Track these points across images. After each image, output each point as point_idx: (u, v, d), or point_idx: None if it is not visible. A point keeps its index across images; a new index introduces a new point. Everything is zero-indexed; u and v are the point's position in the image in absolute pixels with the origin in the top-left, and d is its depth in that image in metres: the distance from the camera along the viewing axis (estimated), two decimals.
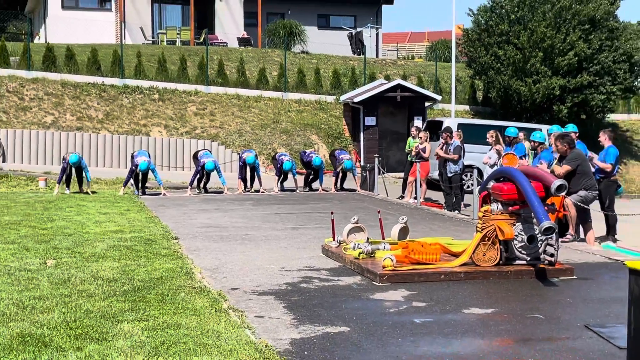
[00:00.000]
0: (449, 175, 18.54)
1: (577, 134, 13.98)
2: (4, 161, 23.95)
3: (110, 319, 7.00)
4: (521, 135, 17.20)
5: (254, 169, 20.97)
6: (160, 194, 19.58)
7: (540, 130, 16.57)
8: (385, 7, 44.59)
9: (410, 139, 20.95)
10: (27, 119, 26.00)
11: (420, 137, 19.96)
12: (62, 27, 36.29)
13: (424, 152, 19.67)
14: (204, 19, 38.49)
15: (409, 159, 20.48)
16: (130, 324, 6.85)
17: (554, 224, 9.83)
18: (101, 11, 38.61)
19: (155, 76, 29.37)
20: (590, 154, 14.55)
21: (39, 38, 39.66)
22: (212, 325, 6.90)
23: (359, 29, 40.56)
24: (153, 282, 8.73)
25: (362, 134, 28.05)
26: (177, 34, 37.37)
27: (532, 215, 9.96)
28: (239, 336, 6.57)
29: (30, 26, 43.05)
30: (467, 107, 32.09)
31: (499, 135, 17.01)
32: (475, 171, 17.10)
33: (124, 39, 35.32)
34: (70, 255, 10.40)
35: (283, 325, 7.28)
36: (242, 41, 37.78)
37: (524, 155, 16.01)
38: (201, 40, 36.16)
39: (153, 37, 37.81)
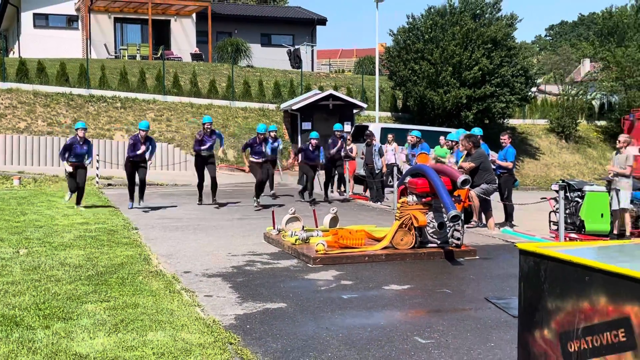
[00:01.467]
0: (377, 171, 18.74)
1: (481, 136, 14.24)
2: None
3: (76, 301, 6.96)
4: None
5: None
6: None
7: (452, 132, 16.84)
8: (319, 28, 44.82)
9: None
10: (3, 124, 25.50)
11: (348, 140, 20.17)
12: (34, 44, 35.74)
13: (352, 152, 19.87)
14: (161, 37, 38.20)
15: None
16: (93, 305, 6.82)
17: (460, 212, 10.05)
18: (69, 30, 38.05)
19: (117, 87, 29.11)
20: (491, 153, 14.87)
21: (13, 53, 38.88)
22: (166, 304, 6.90)
23: (296, 46, 40.65)
24: (114, 268, 8.69)
25: (299, 137, 28.21)
26: (137, 49, 37.02)
27: (442, 205, 10.14)
28: (190, 313, 6.59)
29: (5, 42, 42.15)
30: (389, 114, 32.40)
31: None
32: (395, 168, 17.29)
33: (90, 54, 34.88)
34: (40, 244, 10.27)
35: (229, 303, 7.32)
36: (195, 56, 37.58)
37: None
38: (158, 55, 35.92)
39: (115, 53, 37.38)
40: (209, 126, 16.67)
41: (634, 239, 10.09)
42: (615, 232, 12.56)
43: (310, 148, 17.39)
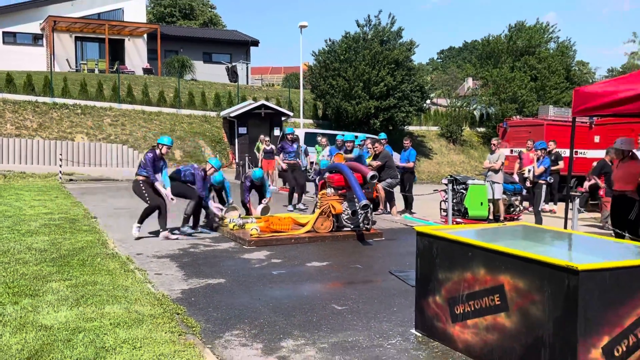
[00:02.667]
0: (302, 168, 18.77)
1: (386, 140, 14.43)
2: None
3: (42, 280, 6.76)
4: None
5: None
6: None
7: (357, 137, 16.93)
8: (252, 48, 44.54)
9: (258, 143, 21.27)
10: None
11: (265, 141, 20.19)
12: (3, 58, 34.30)
13: (273, 152, 20.00)
14: (116, 54, 37.22)
15: (260, 156, 20.87)
16: (57, 283, 6.63)
17: (369, 202, 10.19)
18: (35, 46, 36.65)
19: (78, 96, 28.21)
20: (394, 154, 15.12)
21: None
22: (121, 281, 6.76)
23: (233, 64, 40.24)
24: (76, 251, 8.45)
25: (236, 140, 28.03)
26: (95, 64, 36.00)
27: (354, 196, 10.27)
28: (142, 289, 6.49)
29: None
30: (311, 121, 32.44)
31: (327, 140, 17.41)
32: (317, 166, 17.32)
33: (53, 67, 33.66)
34: (9, 232, 9.88)
35: (176, 279, 7.24)
36: (146, 70, 36.80)
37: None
38: (114, 69, 35.01)
39: (76, 66, 36.24)
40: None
41: (506, 222, 10.41)
42: (491, 217, 12.93)
43: (288, 142, 14.95)
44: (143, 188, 9.85)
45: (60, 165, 21.92)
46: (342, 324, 5.61)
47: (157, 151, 10.13)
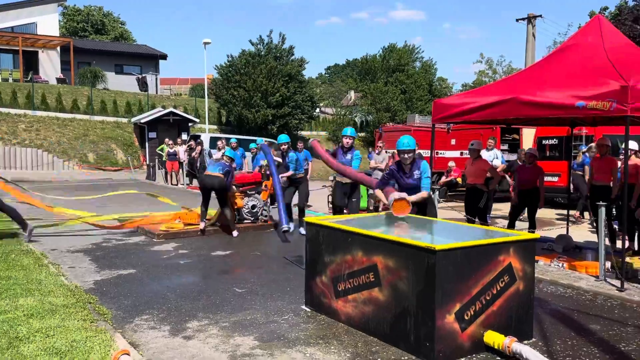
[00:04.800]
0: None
1: (289, 143, 14.36)
2: None
3: None
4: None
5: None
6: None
7: (255, 140, 16.82)
8: (161, 61, 43.16)
9: (163, 146, 20.86)
10: None
11: (169, 144, 19.93)
12: None
13: (177, 155, 19.76)
14: (31, 64, 34.80)
15: (164, 159, 20.47)
16: None
17: (267, 200, 10.18)
18: None
19: None
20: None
21: None
22: (35, 275, 6.37)
23: (143, 75, 38.82)
24: None
25: (147, 143, 27.12)
26: (10, 74, 33.47)
27: (254, 193, 10.23)
28: (56, 282, 6.15)
29: None
30: (215, 126, 31.91)
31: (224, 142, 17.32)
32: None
33: None
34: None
35: (89, 272, 6.92)
36: (60, 80, 34.70)
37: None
38: (28, 79, 32.72)
39: None
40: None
41: (385, 212, 10.70)
42: (371, 207, 13.27)
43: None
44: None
45: None
46: (242, 304, 5.58)
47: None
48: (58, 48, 36.28)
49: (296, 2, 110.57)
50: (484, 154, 11.61)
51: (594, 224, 8.96)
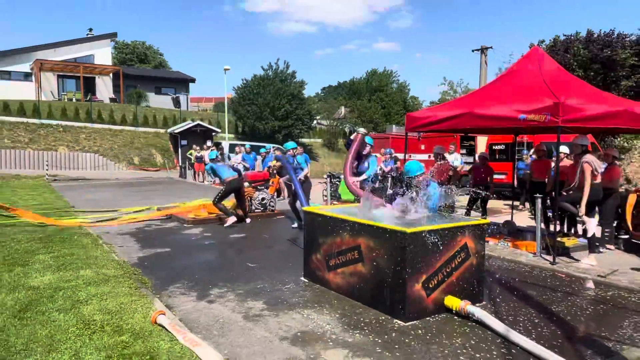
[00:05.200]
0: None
1: (296, 149, 14.24)
2: None
3: (31, 253, 6.20)
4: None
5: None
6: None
7: (265, 146, 16.71)
8: (191, 84, 43.05)
9: (192, 151, 20.74)
10: None
11: (196, 149, 19.81)
12: (1, 90, 31.07)
13: (202, 158, 19.62)
14: (89, 87, 34.63)
15: (192, 161, 20.31)
16: (43, 255, 6.10)
17: (274, 193, 10.11)
18: (26, 81, 33.37)
19: (59, 118, 26.07)
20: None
21: None
22: (92, 253, 6.33)
23: (177, 95, 38.69)
24: (57, 231, 7.81)
25: (179, 149, 26.99)
26: (73, 95, 33.30)
27: (264, 188, 10.16)
28: (108, 257, 6.10)
29: None
30: (233, 135, 31.79)
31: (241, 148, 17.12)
32: (241, 166, 16.98)
33: (41, 97, 30.95)
34: (5, 219, 8.96)
35: (134, 250, 6.87)
36: (112, 100, 34.56)
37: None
38: (87, 99, 32.62)
39: (59, 97, 33.41)
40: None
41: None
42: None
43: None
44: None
45: (47, 169, 20.22)
46: (253, 276, 5.56)
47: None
48: (110, 74, 36.11)
49: (299, 36, 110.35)
50: (447, 156, 11.60)
51: (533, 212, 8.96)
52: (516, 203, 12.09)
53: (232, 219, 8.98)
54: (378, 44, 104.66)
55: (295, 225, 8.75)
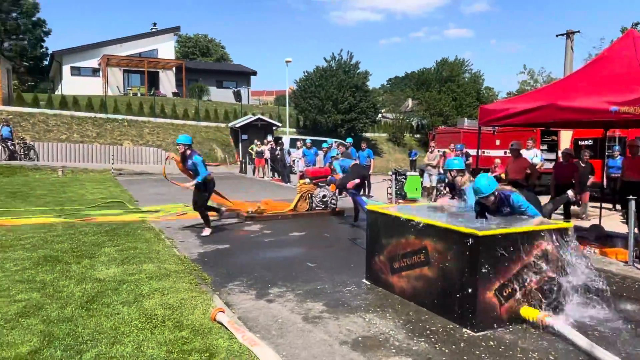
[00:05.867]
0: (286, 164, 18.74)
1: (351, 144, 14.28)
2: (38, 160, 22.01)
3: (98, 246, 6.64)
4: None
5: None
6: None
7: (326, 141, 16.83)
8: (252, 77, 44.16)
9: (253, 145, 21.24)
10: (51, 136, 23.84)
11: (257, 144, 20.26)
12: (71, 85, 33.74)
13: (263, 153, 20.01)
14: (153, 82, 36.61)
15: (253, 156, 20.81)
16: (109, 248, 6.52)
17: (336, 190, 10.14)
18: (94, 77, 35.89)
19: (125, 112, 27.70)
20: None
21: (58, 91, 36.44)
22: (155, 247, 6.68)
23: (238, 88, 39.86)
24: (122, 225, 8.32)
25: (240, 144, 27.73)
26: (138, 89, 35.34)
27: (325, 184, 10.24)
28: (170, 252, 6.41)
29: (52, 85, 39.50)
30: (294, 129, 32.27)
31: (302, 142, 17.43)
32: (299, 161, 17.23)
33: (107, 92, 33.11)
34: (74, 212, 9.68)
35: (194, 245, 7.17)
36: (174, 94, 36.26)
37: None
38: (151, 93, 34.45)
39: (124, 91, 35.59)
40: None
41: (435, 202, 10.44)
42: (434, 200, 12.97)
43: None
44: None
45: (113, 163, 21.60)
46: (313, 276, 5.62)
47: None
48: (173, 68, 37.88)
49: (363, 25, 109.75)
50: (524, 153, 11.08)
51: (625, 216, 8.35)
52: (605, 205, 11.31)
53: (208, 231, 7.87)
54: (449, 30, 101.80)
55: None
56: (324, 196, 10.44)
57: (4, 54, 38.84)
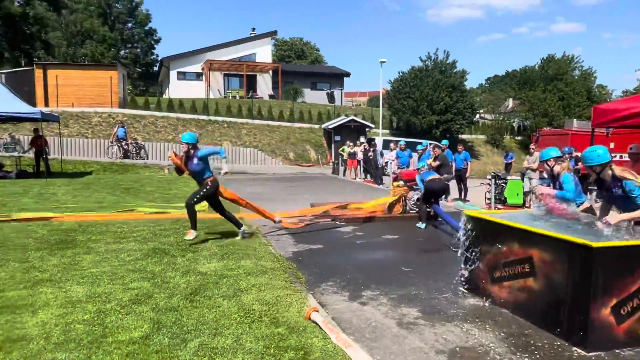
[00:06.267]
0: (379, 165, 18.65)
1: (447, 146, 13.93)
2: (147, 158, 23.97)
3: (200, 241, 7.03)
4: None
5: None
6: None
7: (421, 143, 16.52)
8: (345, 79, 44.55)
9: (344, 147, 21.27)
10: (159, 137, 25.87)
11: (350, 145, 20.26)
12: (177, 89, 36.32)
13: (356, 154, 19.99)
14: (251, 85, 38.36)
15: (344, 158, 20.84)
16: (210, 244, 6.90)
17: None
18: (197, 80, 38.40)
19: (225, 114, 29.27)
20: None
21: (165, 95, 39.53)
22: (252, 244, 6.95)
23: (332, 90, 40.46)
24: (223, 223, 8.71)
25: (332, 145, 28.08)
26: (237, 92, 37.21)
27: (417, 186, 10.03)
28: (266, 250, 6.64)
29: (161, 89, 42.80)
30: (388, 131, 32.05)
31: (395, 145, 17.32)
32: (392, 163, 17.08)
33: (209, 95, 35.19)
34: (181, 209, 10.36)
35: (289, 244, 7.35)
36: (270, 96, 37.66)
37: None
38: (249, 96, 36.08)
39: (224, 94, 37.64)
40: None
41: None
42: (527, 205, 12.25)
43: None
44: None
45: (214, 163, 22.84)
46: (407, 281, 5.53)
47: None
48: (270, 71, 39.38)
49: (461, 22, 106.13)
50: None
51: None
52: None
53: (193, 233, 6.95)
54: (557, 25, 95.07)
55: (421, 225, 8.98)
56: (418, 199, 10.23)
57: (120, 61, 42.95)
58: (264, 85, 39.22)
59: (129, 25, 49.72)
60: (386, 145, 22.40)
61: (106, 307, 4.30)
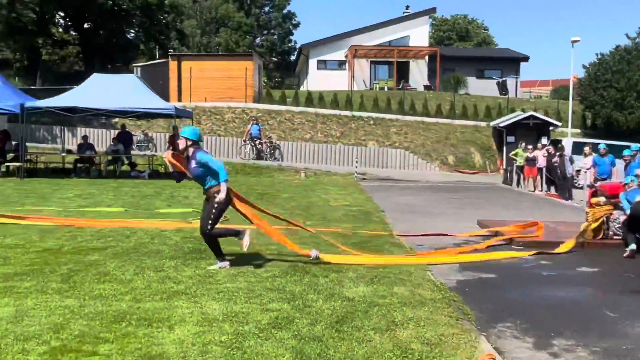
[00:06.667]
0: (568, 175, 17.46)
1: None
2: (282, 160, 25.38)
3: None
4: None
5: None
6: None
7: (629, 147, 14.99)
8: (522, 64, 42.39)
9: (519, 150, 20.14)
10: (296, 135, 27.29)
11: (529, 149, 19.22)
12: (316, 80, 37.94)
13: (536, 160, 18.92)
14: (402, 73, 38.53)
15: (517, 163, 19.75)
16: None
17: None
18: (339, 70, 39.75)
19: (371, 109, 29.78)
20: None
21: (303, 87, 41.55)
22: (406, 267, 6.92)
23: (504, 78, 38.84)
24: (369, 238, 8.86)
25: (504, 148, 26.87)
26: (385, 83, 37.67)
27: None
28: (424, 276, 6.58)
29: (298, 80, 45.20)
30: (578, 130, 29.76)
31: (591, 148, 16.13)
32: (588, 172, 15.81)
33: (353, 87, 36.15)
34: (319, 219, 10.74)
35: (452, 270, 7.21)
36: (426, 87, 37.45)
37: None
38: (400, 87, 36.27)
39: (370, 86, 38.36)
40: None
41: None
42: None
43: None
44: None
45: (356, 167, 23.36)
46: (614, 330, 5.03)
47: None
48: (426, 57, 39.18)
49: None
50: None
51: None
52: None
53: (225, 264, 6.66)
54: None
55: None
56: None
57: (255, 49, 46.19)
58: (418, 73, 39.12)
59: (266, 9, 53.37)
60: (577, 148, 20.80)
61: (244, 329, 4.59)
